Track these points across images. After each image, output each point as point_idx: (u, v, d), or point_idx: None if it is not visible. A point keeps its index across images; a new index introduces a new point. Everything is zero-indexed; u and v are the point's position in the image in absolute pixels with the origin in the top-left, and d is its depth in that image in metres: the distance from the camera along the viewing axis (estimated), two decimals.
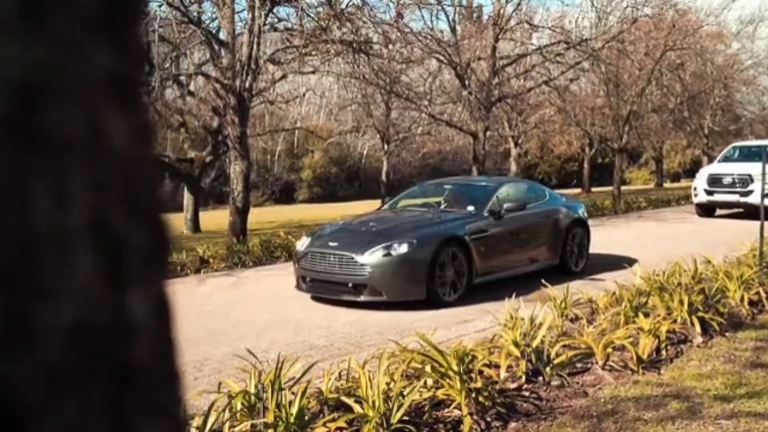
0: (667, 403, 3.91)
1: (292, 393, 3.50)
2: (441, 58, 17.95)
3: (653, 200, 20.55)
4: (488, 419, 3.75)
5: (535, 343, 4.53)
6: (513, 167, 28.51)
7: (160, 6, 10.75)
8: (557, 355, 4.51)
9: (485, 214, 7.58)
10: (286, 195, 38.25)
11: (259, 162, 39.28)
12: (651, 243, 11.15)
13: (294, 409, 3.31)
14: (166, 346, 0.40)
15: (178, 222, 18.57)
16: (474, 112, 18.32)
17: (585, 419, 3.77)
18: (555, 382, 4.33)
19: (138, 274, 0.38)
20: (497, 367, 4.28)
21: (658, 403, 3.92)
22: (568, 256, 8.47)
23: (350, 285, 6.71)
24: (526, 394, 4.15)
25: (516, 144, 28.43)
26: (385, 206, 9.23)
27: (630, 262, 8.47)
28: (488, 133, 19.76)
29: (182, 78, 14.11)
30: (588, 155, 33.48)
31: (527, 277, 7.65)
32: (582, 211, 9.10)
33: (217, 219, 18.83)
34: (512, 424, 3.72)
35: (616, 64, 20.10)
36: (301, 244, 7.59)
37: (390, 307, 6.60)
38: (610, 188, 23.19)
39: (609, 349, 4.69)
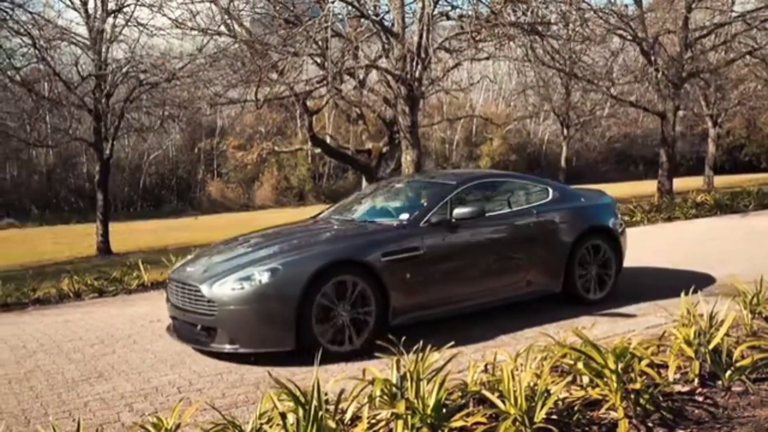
0: None
1: (433, 383, 3.40)
2: (624, 34, 16.76)
3: None
4: (650, 424, 3.37)
5: (713, 343, 4.01)
6: (711, 149, 25.96)
7: (333, 2, 11.14)
8: (742, 357, 3.96)
9: (422, 225, 5.53)
10: None
11: (437, 151, 39.67)
12: None
13: (431, 401, 3.21)
14: None
15: None
16: (662, 91, 16.90)
17: None
18: (737, 388, 3.80)
19: None
20: (664, 367, 3.85)
21: None
22: (576, 280, 6.19)
23: (199, 327, 5.14)
24: (699, 399, 3.68)
25: (715, 123, 25.84)
26: (327, 211, 6.86)
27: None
28: (680, 113, 18.16)
29: (357, 71, 14.55)
30: None
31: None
32: (612, 221, 6.60)
33: None
34: None
35: None
36: (174, 267, 6.01)
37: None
38: None
39: None
